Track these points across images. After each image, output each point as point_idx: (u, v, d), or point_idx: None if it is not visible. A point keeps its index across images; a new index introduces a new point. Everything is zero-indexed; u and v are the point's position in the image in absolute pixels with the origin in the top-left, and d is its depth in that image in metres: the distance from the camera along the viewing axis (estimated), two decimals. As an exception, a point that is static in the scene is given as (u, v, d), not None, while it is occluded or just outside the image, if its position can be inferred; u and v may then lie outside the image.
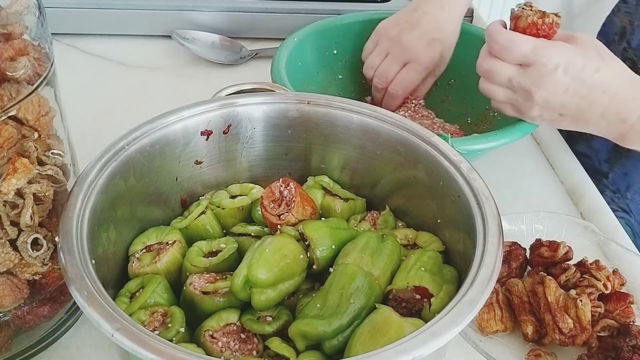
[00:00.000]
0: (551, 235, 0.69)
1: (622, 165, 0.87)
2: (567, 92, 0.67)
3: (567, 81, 0.66)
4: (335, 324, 0.48)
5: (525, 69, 0.67)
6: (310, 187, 0.62)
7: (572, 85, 0.67)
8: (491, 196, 0.51)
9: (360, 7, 1.06)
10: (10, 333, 0.55)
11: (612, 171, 0.88)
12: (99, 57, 1.04)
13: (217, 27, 1.06)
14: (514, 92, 0.70)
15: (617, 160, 0.88)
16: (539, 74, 0.67)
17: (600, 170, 0.88)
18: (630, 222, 0.82)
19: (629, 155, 0.86)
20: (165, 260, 0.54)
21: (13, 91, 0.48)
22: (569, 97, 0.67)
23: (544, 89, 0.67)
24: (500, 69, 0.69)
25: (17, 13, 0.50)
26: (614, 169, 0.88)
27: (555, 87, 0.67)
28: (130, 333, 0.40)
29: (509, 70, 0.68)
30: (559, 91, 0.67)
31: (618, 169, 0.88)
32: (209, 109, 0.59)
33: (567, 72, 0.66)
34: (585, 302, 0.59)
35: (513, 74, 0.68)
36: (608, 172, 0.89)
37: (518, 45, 0.67)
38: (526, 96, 0.68)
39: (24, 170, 0.48)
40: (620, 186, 0.88)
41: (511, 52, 0.67)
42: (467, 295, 0.44)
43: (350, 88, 0.94)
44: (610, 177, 0.89)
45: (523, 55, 0.67)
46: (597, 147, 0.89)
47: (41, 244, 0.52)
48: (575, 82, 0.66)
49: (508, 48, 0.67)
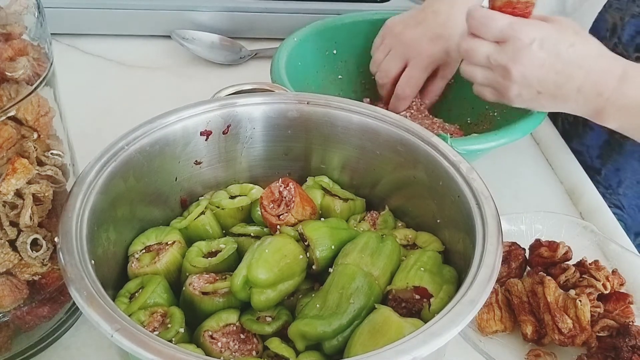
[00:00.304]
0: (550, 235, 0.69)
1: (614, 160, 0.88)
2: (543, 67, 0.68)
3: (543, 56, 0.67)
4: (335, 324, 0.48)
5: (502, 45, 0.69)
6: (309, 187, 0.62)
7: (548, 59, 0.68)
8: (490, 196, 0.51)
9: (360, 7, 1.06)
10: (10, 333, 0.55)
11: (605, 167, 0.89)
12: (99, 57, 1.04)
13: (216, 27, 1.06)
14: (493, 71, 0.71)
15: (609, 156, 0.88)
16: (515, 49, 0.68)
17: (592, 167, 0.88)
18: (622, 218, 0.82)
19: (620, 151, 0.86)
20: (165, 261, 0.54)
21: (12, 91, 0.48)
22: (546, 71, 0.68)
23: (520, 63, 0.68)
24: (478, 47, 0.70)
25: (16, 13, 0.50)
26: (606, 165, 0.89)
27: (531, 62, 0.68)
28: (129, 333, 0.40)
29: (487, 48, 0.70)
30: (535, 65, 0.68)
31: (610, 165, 0.88)
32: (208, 109, 0.59)
33: (542, 47, 0.67)
34: (584, 302, 0.59)
35: (490, 51, 0.69)
36: (600, 168, 0.89)
37: (495, 21, 0.68)
38: (504, 73, 0.69)
39: (24, 171, 0.48)
40: (612, 182, 0.89)
41: (488, 27, 0.69)
42: (466, 295, 0.44)
43: (350, 88, 0.93)
44: (603, 173, 0.89)
45: (500, 30, 0.68)
46: (590, 144, 0.90)
47: (41, 245, 0.52)
48: (551, 57, 0.67)
49: (485, 24, 0.69)
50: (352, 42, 0.93)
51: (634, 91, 0.68)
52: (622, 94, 0.68)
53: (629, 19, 0.81)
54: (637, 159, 0.86)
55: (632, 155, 0.85)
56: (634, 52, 0.81)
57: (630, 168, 0.87)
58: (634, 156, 0.86)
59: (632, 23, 0.81)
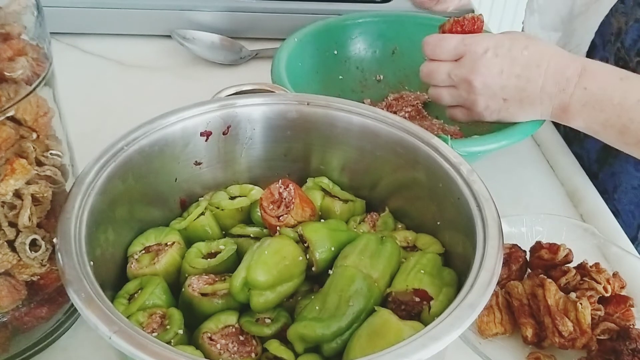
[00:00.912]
0: (551, 237, 0.69)
1: (610, 165, 0.88)
2: (502, 73, 0.70)
3: (499, 62, 0.70)
4: (334, 327, 0.47)
5: (459, 61, 0.72)
6: (309, 188, 0.62)
7: (504, 64, 0.70)
8: (491, 198, 0.51)
9: (360, 8, 1.05)
10: (8, 334, 0.55)
11: (601, 171, 0.89)
12: (99, 56, 1.04)
13: (217, 27, 1.06)
14: (457, 89, 0.73)
15: (605, 161, 0.88)
16: (471, 61, 0.71)
17: (590, 171, 0.88)
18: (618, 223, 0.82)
19: (616, 155, 0.86)
20: (164, 262, 0.54)
21: (11, 91, 0.48)
22: (506, 77, 0.70)
23: (479, 74, 0.70)
24: (437, 67, 0.74)
25: (15, 13, 0.50)
26: (602, 169, 0.89)
27: (489, 70, 0.70)
28: (127, 336, 0.40)
29: (445, 67, 0.73)
30: (494, 73, 0.70)
31: (606, 169, 0.88)
32: (208, 109, 0.59)
33: (497, 54, 0.70)
34: (585, 305, 0.59)
35: (449, 68, 0.73)
36: (597, 172, 0.89)
37: (447, 41, 0.72)
38: (467, 87, 0.72)
39: (22, 171, 0.48)
40: (608, 186, 0.89)
41: (442, 48, 0.73)
42: (466, 298, 0.43)
43: (350, 89, 0.93)
44: (600, 177, 0.89)
45: (454, 47, 0.72)
46: (589, 147, 0.90)
47: (39, 245, 0.52)
48: (507, 61, 0.70)
49: (438, 45, 0.73)
50: (353, 42, 0.93)
51: (595, 85, 0.69)
52: (585, 88, 0.69)
53: (632, 24, 0.81)
54: (632, 164, 0.86)
55: (627, 160, 0.85)
56: (635, 56, 0.81)
57: (626, 173, 0.87)
58: (629, 161, 0.85)
59: (635, 27, 0.81)
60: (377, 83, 0.95)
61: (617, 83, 0.70)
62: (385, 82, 0.95)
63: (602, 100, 0.69)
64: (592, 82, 0.69)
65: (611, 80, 0.70)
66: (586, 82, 0.69)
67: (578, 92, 0.70)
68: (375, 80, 0.95)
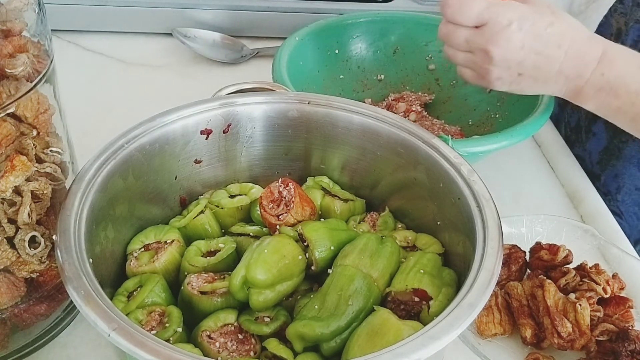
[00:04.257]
0: (551, 238, 0.69)
1: (613, 166, 0.87)
2: (523, 48, 0.67)
3: (521, 36, 0.67)
4: (333, 326, 0.47)
5: (480, 29, 0.68)
6: (309, 187, 0.62)
7: (527, 40, 0.67)
8: (491, 199, 0.51)
9: (362, 7, 1.05)
10: (7, 331, 0.55)
11: (604, 173, 0.89)
12: (100, 54, 1.04)
13: (218, 26, 1.06)
14: (473, 54, 0.70)
15: (608, 162, 0.88)
16: (493, 31, 0.67)
17: (592, 173, 0.88)
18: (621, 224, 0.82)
19: (619, 157, 0.86)
20: (164, 260, 0.54)
21: (12, 88, 0.48)
22: (525, 53, 0.68)
23: (499, 46, 0.67)
24: (455, 31, 0.69)
25: (16, 9, 0.50)
26: (605, 170, 0.88)
27: (510, 43, 0.67)
28: (126, 333, 0.40)
29: (465, 32, 0.69)
30: (514, 47, 0.67)
31: (609, 171, 0.88)
32: (209, 107, 0.59)
33: (521, 28, 0.67)
34: (584, 306, 0.59)
35: (468, 35, 0.69)
36: (600, 174, 0.89)
37: (470, 6, 0.67)
38: (484, 56, 0.69)
39: (22, 168, 0.48)
40: (611, 188, 0.88)
41: (464, 14, 0.68)
42: (466, 298, 0.43)
43: (351, 88, 0.93)
44: (602, 179, 0.89)
45: (476, 15, 0.67)
46: (590, 149, 0.89)
47: (39, 242, 0.52)
48: (530, 37, 0.67)
49: (460, 10, 0.68)
50: (354, 42, 0.93)
51: (613, 72, 0.68)
52: (601, 75, 0.68)
53: (632, 24, 0.81)
54: (635, 165, 0.86)
55: (631, 161, 0.85)
56: None
57: (629, 174, 0.87)
58: (633, 162, 0.85)
59: (636, 28, 0.81)
60: (378, 82, 0.95)
61: (635, 72, 0.68)
62: (386, 81, 0.95)
63: (617, 88, 0.68)
64: (610, 69, 0.68)
65: (629, 69, 0.68)
66: (604, 68, 0.68)
67: (594, 77, 0.68)
68: (376, 79, 0.95)
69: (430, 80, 0.94)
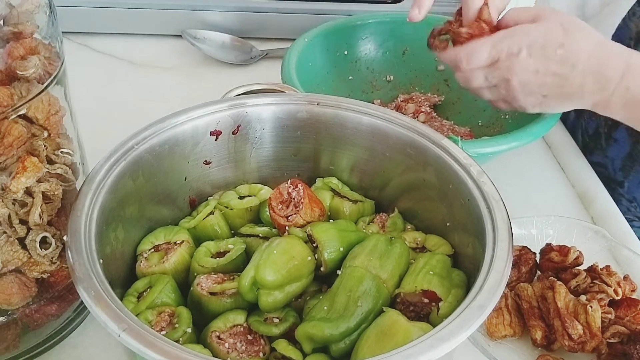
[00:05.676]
0: (562, 239, 0.69)
1: (637, 172, 0.86)
2: (538, 73, 0.68)
3: (533, 62, 0.68)
4: (342, 327, 0.47)
5: (495, 65, 0.70)
6: (318, 188, 0.62)
7: (539, 65, 0.68)
8: (501, 200, 0.51)
9: (371, 8, 1.05)
10: (18, 331, 0.55)
11: (627, 179, 0.87)
12: (110, 56, 1.04)
13: (227, 27, 1.06)
14: (497, 87, 0.71)
15: (631, 168, 0.87)
16: (507, 63, 0.68)
17: (615, 179, 0.87)
18: None
19: None
20: (173, 260, 0.54)
21: (23, 90, 0.48)
22: (542, 76, 0.68)
23: (516, 74, 0.69)
24: (473, 73, 0.71)
25: (28, 12, 0.50)
26: (628, 177, 0.87)
27: (525, 70, 0.68)
28: (136, 334, 0.40)
29: (482, 72, 0.71)
30: (530, 73, 0.68)
31: (633, 177, 0.87)
32: (218, 109, 0.59)
33: (531, 54, 0.68)
34: (595, 308, 0.58)
35: (486, 72, 0.71)
36: (623, 180, 0.88)
37: (478, 53, 0.69)
38: (506, 85, 0.70)
39: (33, 169, 0.48)
40: (636, 194, 0.87)
41: (476, 59, 0.69)
42: (475, 300, 0.43)
43: (360, 89, 0.93)
44: (626, 185, 0.88)
45: (486, 58, 0.69)
46: (612, 156, 0.88)
47: (50, 243, 0.52)
48: (541, 61, 0.68)
49: (471, 59, 0.70)
50: (363, 42, 0.93)
51: (638, 85, 0.67)
52: (627, 88, 0.67)
53: None
54: None
55: None
56: None
57: None
58: None
59: None
60: (387, 84, 0.94)
61: None
62: (396, 83, 0.94)
63: None
64: (635, 82, 0.67)
65: None
66: (629, 82, 0.67)
67: (620, 91, 0.67)
68: (386, 81, 0.94)
69: (440, 81, 0.93)
